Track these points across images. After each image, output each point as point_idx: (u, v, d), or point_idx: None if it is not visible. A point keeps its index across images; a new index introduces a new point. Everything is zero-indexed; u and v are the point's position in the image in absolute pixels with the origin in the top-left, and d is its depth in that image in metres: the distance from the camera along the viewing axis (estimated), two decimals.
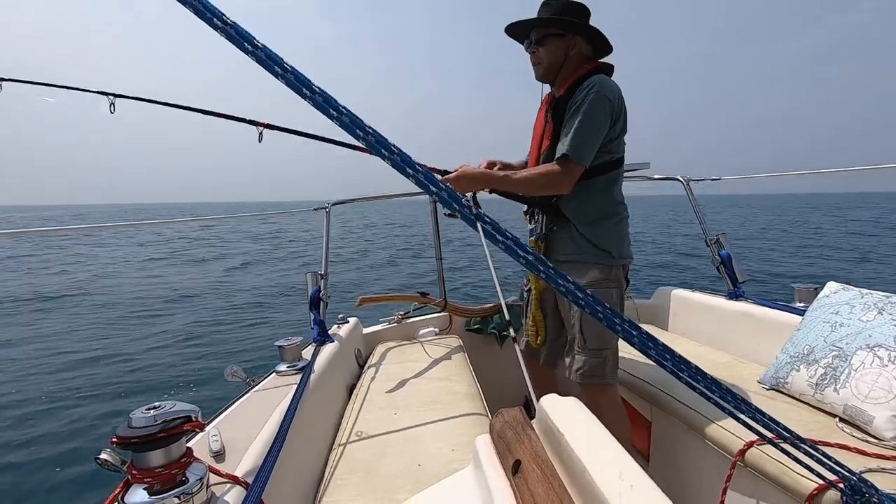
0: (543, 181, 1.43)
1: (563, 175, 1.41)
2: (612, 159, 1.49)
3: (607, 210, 1.51)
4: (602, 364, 1.48)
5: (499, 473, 0.61)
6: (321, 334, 1.75)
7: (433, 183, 0.65)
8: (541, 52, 1.49)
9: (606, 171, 1.49)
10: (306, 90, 0.58)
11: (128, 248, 18.33)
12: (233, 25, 0.57)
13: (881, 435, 1.10)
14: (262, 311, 7.24)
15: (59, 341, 5.80)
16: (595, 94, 1.38)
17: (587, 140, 1.39)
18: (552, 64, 1.49)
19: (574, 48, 1.48)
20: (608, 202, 1.51)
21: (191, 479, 0.71)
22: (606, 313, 0.61)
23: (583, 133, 1.38)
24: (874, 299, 1.31)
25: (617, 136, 1.46)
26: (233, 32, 0.57)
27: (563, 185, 1.42)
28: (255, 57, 0.57)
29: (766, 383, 1.46)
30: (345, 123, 0.60)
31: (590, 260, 1.49)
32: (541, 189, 1.46)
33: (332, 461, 1.19)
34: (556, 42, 1.47)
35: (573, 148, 1.38)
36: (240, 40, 0.56)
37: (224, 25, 0.56)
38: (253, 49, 0.57)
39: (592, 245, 1.49)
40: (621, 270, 1.54)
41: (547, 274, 0.65)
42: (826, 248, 13.85)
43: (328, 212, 2.17)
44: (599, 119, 1.39)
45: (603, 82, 1.40)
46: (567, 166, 1.40)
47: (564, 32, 1.46)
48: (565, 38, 1.46)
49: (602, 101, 1.38)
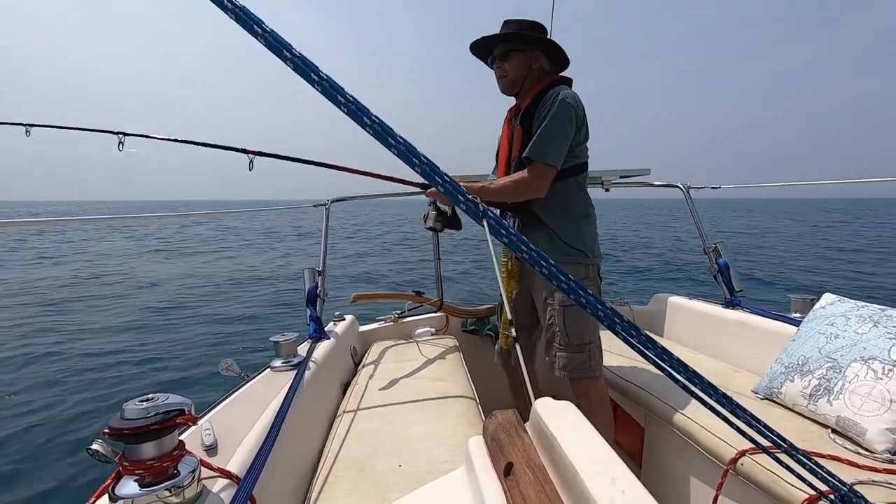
0: (518, 187, 1.51)
1: (537, 179, 1.48)
2: (579, 163, 1.57)
3: (580, 211, 1.59)
4: (587, 359, 1.54)
5: (491, 475, 0.61)
6: (317, 331, 1.75)
7: (438, 174, 0.65)
8: (505, 66, 1.58)
9: (576, 174, 1.57)
10: (315, 76, 0.58)
11: (121, 242, 18.30)
12: (271, 32, 0.57)
13: (873, 448, 1.10)
14: (259, 308, 7.23)
15: (52, 333, 5.78)
16: (560, 101, 1.46)
17: (556, 144, 1.47)
18: (516, 77, 1.58)
19: (535, 62, 1.57)
20: (580, 203, 1.59)
21: (182, 473, 0.71)
22: (607, 312, 0.61)
23: (551, 138, 1.46)
24: (869, 312, 1.32)
25: (581, 141, 1.55)
26: (241, 15, 0.56)
27: (538, 189, 1.49)
28: (265, 41, 0.56)
29: (760, 392, 1.46)
30: (351, 111, 0.60)
31: (567, 259, 1.55)
32: (518, 194, 1.54)
33: (324, 458, 1.19)
34: (519, 56, 1.56)
35: (543, 152, 1.46)
36: (249, 22, 0.56)
37: (233, 7, 0.56)
38: (262, 33, 0.56)
39: (568, 245, 1.55)
40: (597, 269, 1.61)
41: (549, 270, 0.66)
42: (820, 258, 13.88)
43: (327, 209, 2.17)
44: (565, 125, 1.47)
45: (566, 92, 1.50)
46: (539, 170, 1.47)
47: (526, 47, 1.56)
48: (527, 52, 1.56)
49: (567, 108, 1.47)
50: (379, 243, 18.58)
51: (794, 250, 15.59)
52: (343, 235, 21.60)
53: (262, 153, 1.77)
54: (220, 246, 16.60)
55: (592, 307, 0.62)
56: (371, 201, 2.46)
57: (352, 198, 2.40)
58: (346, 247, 16.53)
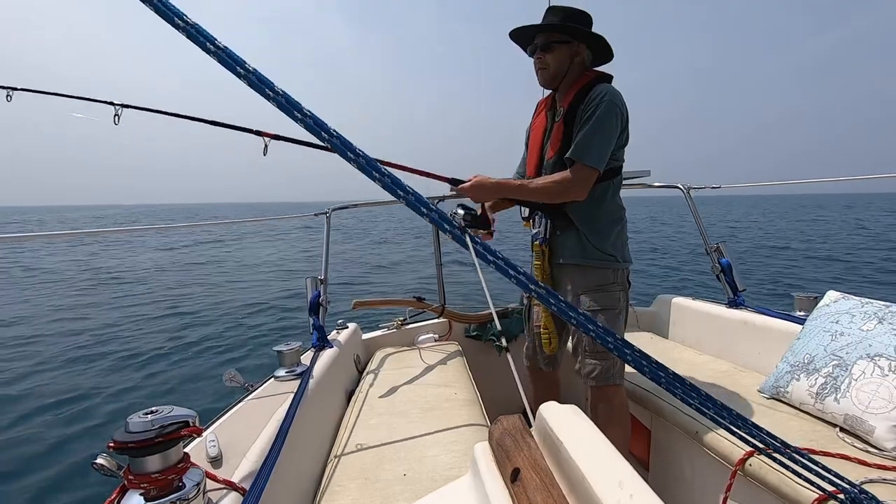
0: (560, 188, 1.45)
1: (580, 181, 1.42)
2: (617, 166, 1.53)
3: (613, 215, 1.54)
4: (612, 366, 1.51)
5: (497, 481, 0.60)
6: (320, 340, 1.74)
7: (424, 205, 0.65)
8: (547, 57, 1.50)
9: (612, 177, 1.52)
10: (269, 91, 0.57)
11: (127, 253, 18.34)
12: (193, 25, 0.56)
13: (882, 445, 1.09)
14: (263, 316, 7.22)
15: (58, 343, 5.78)
16: (607, 102, 1.41)
17: (602, 146, 1.42)
18: (558, 70, 1.51)
19: (578, 55, 1.50)
20: (614, 207, 1.55)
21: (187, 485, 0.71)
22: (599, 332, 0.61)
23: (597, 140, 1.41)
24: (874, 308, 1.31)
25: (622, 144, 1.50)
26: (193, 32, 0.55)
27: (579, 192, 1.44)
28: (218, 57, 0.55)
29: (766, 392, 1.46)
30: (336, 146, 0.60)
31: (597, 264, 1.52)
32: (559, 196, 1.47)
33: (329, 467, 1.19)
34: (562, 48, 1.49)
35: (589, 154, 1.41)
36: (201, 39, 0.55)
37: (185, 25, 0.55)
38: (215, 49, 0.55)
39: (599, 249, 1.52)
40: (625, 274, 1.57)
41: (538, 293, 0.65)
42: (821, 257, 13.83)
43: (329, 217, 2.18)
44: (612, 126, 1.42)
45: (612, 91, 1.44)
46: (583, 172, 1.42)
47: (571, 39, 1.48)
48: (571, 45, 1.49)
49: (613, 109, 1.41)
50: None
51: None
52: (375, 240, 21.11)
53: (279, 136, 1.64)
54: (225, 254, 16.62)
55: (584, 326, 0.61)
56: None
57: (354, 205, 2.41)
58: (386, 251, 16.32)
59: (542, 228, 1.62)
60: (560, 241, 1.59)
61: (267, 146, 1.64)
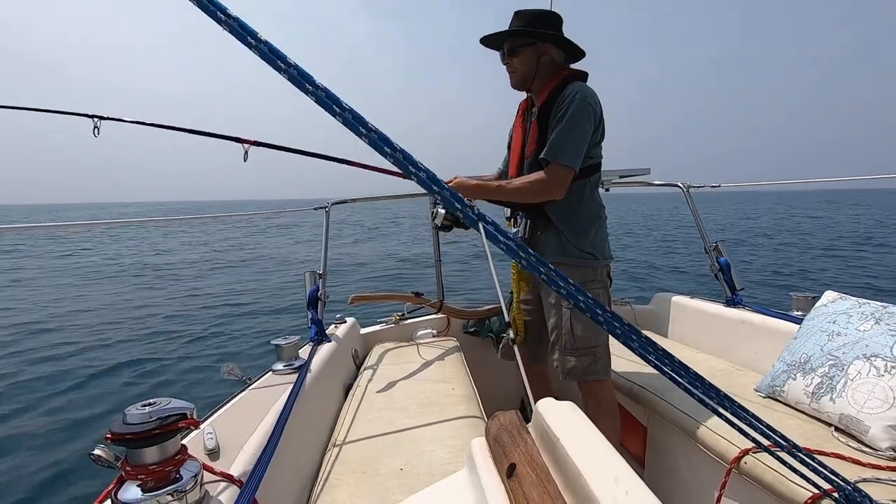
0: (537, 188, 1.47)
1: (556, 181, 1.44)
2: (594, 163, 1.54)
3: (592, 213, 1.56)
4: (592, 362, 1.52)
5: (493, 476, 0.61)
6: (318, 334, 1.75)
7: (436, 182, 0.65)
8: (514, 61, 1.54)
9: (589, 175, 1.54)
10: (282, 62, 0.57)
11: (124, 246, 18.32)
12: (235, 19, 0.56)
13: (876, 445, 1.10)
14: (262, 309, 7.23)
15: (56, 333, 5.78)
16: (579, 100, 1.42)
17: (576, 145, 1.44)
18: (526, 73, 1.54)
19: (545, 55, 1.52)
20: (592, 205, 1.57)
21: (185, 477, 0.71)
22: (606, 316, 0.61)
23: (571, 138, 1.43)
24: (871, 309, 1.32)
25: (598, 141, 1.52)
26: (236, 26, 0.56)
27: (556, 191, 1.46)
28: (229, 27, 0.55)
29: (763, 391, 1.46)
30: (347, 120, 0.60)
31: (576, 262, 1.53)
32: (536, 196, 1.50)
33: (327, 461, 1.19)
34: (528, 51, 1.51)
35: (564, 153, 1.43)
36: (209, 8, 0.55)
37: (228, 19, 0.55)
38: (226, 18, 0.55)
39: (578, 248, 1.53)
40: (605, 270, 1.60)
41: (548, 276, 0.65)
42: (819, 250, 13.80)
43: (328, 211, 2.17)
44: (584, 124, 1.44)
45: (584, 89, 1.46)
46: (558, 171, 1.44)
47: (535, 41, 1.51)
48: (536, 46, 1.51)
49: (585, 108, 1.43)
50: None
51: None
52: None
53: (260, 143, 1.67)
54: (222, 249, 16.61)
55: (591, 311, 0.61)
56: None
57: (353, 200, 2.40)
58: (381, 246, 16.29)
59: (521, 228, 1.65)
60: (540, 240, 1.60)
61: (247, 152, 1.67)
